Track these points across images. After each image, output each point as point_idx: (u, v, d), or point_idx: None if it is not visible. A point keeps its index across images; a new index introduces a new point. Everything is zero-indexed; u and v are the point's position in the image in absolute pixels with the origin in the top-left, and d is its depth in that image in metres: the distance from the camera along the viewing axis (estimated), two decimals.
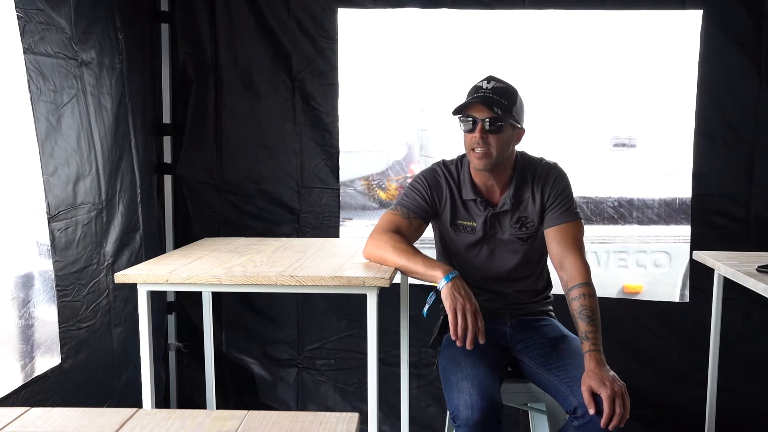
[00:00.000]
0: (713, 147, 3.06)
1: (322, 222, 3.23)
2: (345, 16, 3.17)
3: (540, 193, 2.24)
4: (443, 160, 2.33)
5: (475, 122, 2.14)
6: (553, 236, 2.21)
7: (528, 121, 2.26)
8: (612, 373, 1.95)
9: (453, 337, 1.98)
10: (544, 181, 2.24)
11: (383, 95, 4.02)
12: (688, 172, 3.12)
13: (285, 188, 3.23)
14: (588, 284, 2.11)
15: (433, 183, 2.28)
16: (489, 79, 2.18)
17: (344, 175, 3.37)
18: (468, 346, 1.96)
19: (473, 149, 2.15)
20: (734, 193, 3.08)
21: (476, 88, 2.16)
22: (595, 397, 1.90)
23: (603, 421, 1.87)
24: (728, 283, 2.43)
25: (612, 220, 4.24)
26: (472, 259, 2.28)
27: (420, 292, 2.91)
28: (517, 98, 2.18)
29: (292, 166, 3.22)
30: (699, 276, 2.96)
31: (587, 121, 4.20)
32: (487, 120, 2.12)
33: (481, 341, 1.98)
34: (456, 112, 2.17)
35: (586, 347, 2.00)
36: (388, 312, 2.88)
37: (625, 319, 3.19)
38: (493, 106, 2.11)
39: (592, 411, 1.88)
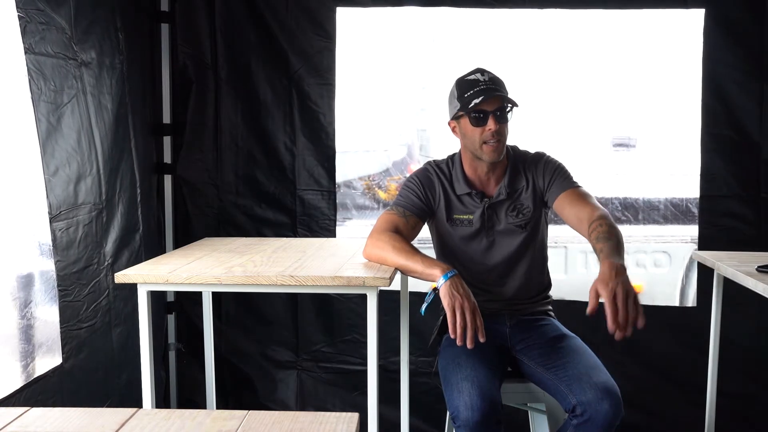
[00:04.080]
0: (721, 147, 3.05)
1: (319, 224, 3.23)
2: (343, 15, 3.16)
3: (533, 178, 2.27)
4: (433, 160, 2.37)
5: (486, 115, 2.15)
6: (563, 202, 2.20)
7: (529, 121, 2.27)
8: (624, 276, 1.86)
9: (452, 336, 1.98)
10: (535, 167, 2.28)
11: (382, 95, 4.01)
12: (688, 172, 3.11)
13: (282, 189, 3.23)
14: (605, 216, 2.07)
15: (426, 181, 2.30)
16: (481, 71, 2.21)
17: (344, 176, 3.36)
18: (468, 345, 1.96)
19: (486, 142, 2.17)
20: (744, 193, 3.05)
21: (474, 82, 2.18)
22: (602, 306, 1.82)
23: (609, 325, 1.79)
24: (734, 285, 2.40)
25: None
26: (473, 252, 2.28)
27: (419, 299, 2.91)
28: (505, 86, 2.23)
29: (288, 167, 3.22)
30: (707, 280, 2.94)
31: (588, 121, 4.19)
32: (498, 110, 2.15)
33: (482, 339, 1.97)
34: (469, 109, 2.16)
35: (601, 258, 1.93)
36: (387, 319, 2.87)
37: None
38: (501, 96, 2.15)
39: (589, 310, 1.82)
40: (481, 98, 2.14)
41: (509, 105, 2.17)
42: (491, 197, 2.27)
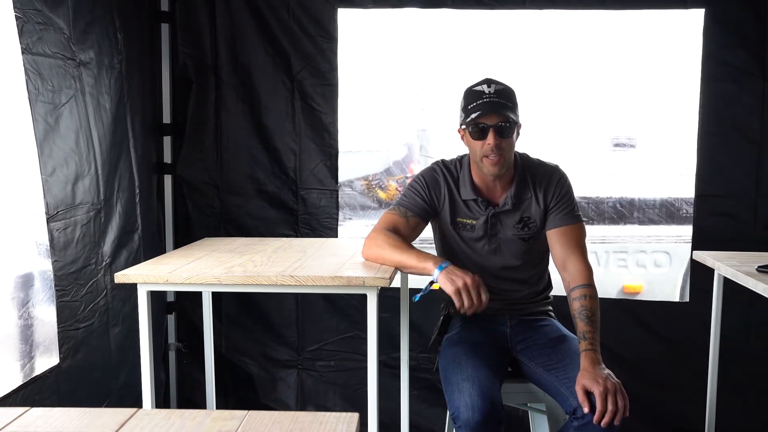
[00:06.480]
0: (717, 147, 3.04)
1: (321, 223, 3.22)
2: (345, 16, 3.16)
3: (543, 194, 2.24)
4: (442, 160, 2.33)
5: (486, 129, 2.12)
6: (556, 238, 2.22)
7: (529, 122, 2.26)
8: (607, 371, 1.96)
9: (467, 312, 1.99)
10: (547, 182, 2.24)
11: (383, 95, 4.02)
12: (689, 172, 3.11)
13: (284, 189, 3.23)
14: (590, 285, 2.13)
15: (432, 182, 2.28)
16: (488, 82, 2.16)
17: (344, 175, 3.36)
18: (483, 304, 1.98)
19: (486, 156, 2.14)
20: (740, 193, 3.04)
21: (479, 93, 2.14)
22: (590, 396, 1.90)
23: (596, 417, 1.88)
24: (730, 284, 2.41)
25: (613, 220, 4.23)
26: (475, 255, 2.27)
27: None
28: (516, 97, 2.19)
29: (291, 167, 3.22)
30: (700, 276, 2.94)
31: (587, 121, 4.20)
32: (498, 126, 2.11)
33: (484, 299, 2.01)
34: (469, 122, 2.13)
35: (583, 346, 2.02)
36: (388, 315, 2.88)
37: (625, 319, 3.18)
38: (503, 111, 2.11)
39: (586, 409, 1.90)
40: (479, 113, 2.11)
41: (511, 121, 2.13)
42: (497, 206, 2.25)
